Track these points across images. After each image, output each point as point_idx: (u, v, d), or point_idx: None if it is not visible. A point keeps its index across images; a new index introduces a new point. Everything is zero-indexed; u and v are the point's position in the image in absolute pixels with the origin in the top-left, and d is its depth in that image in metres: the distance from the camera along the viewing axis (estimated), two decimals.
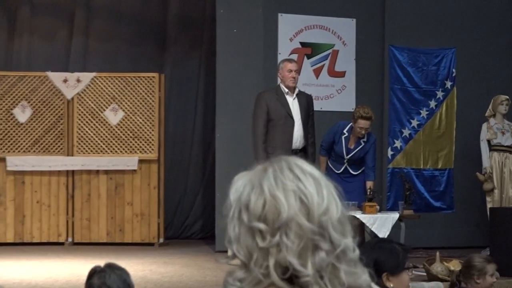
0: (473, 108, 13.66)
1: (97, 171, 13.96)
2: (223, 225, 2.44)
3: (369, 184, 11.61)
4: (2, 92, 13.79)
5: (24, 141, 13.82)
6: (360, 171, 11.69)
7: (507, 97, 13.30)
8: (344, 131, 11.57)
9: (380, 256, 4.99)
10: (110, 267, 5.57)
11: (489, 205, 13.19)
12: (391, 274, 5.08)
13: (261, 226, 2.35)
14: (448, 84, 13.92)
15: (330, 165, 11.68)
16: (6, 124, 13.79)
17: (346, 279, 2.36)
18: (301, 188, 2.36)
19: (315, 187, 2.38)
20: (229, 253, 2.50)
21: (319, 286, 2.32)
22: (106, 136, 13.97)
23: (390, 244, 5.19)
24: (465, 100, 13.81)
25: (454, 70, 13.90)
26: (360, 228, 11.34)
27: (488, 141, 13.40)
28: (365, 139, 11.57)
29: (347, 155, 11.55)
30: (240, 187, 2.42)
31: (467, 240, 13.20)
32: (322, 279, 2.33)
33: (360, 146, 11.56)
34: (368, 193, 11.36)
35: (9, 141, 13.79)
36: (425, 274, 9.93)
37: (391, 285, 5.05)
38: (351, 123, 11.55)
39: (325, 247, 2.34)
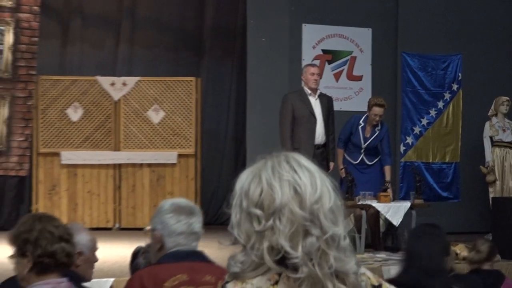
0: (477, 108, 13.63)
1: (141, 165, 13.99)
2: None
3: (387, 170, 11.66)
4: (56, 94, 13.83)
5: (76, 138, 13.86)
6: (374, 161, 11.67)
7: (508, 98, 13.31)
8: (360, 121, 11.59)
9: None
10: (148, 247, 5.55)
11: (491, 195, 13.17)
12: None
13: (258, 211, 2.37)
14: (455, 86, 13.91)
15: (347, 157, 11.65)
16: (60, 122, 13.83)
17: (335, 264, 2.36)
18: (296, 179, 2.38)
19: (309, 178, 2.39)
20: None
21: (308, 268, 2.33)
22: (149, 134, 14.00)
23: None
24: (470, 101, 13.80)
25: (460, 74, 13.88)
26: (376, 215, 11.33)
27: (491, 137, 13.40)
28: (379, 128, 11.57)
29: (364, 143, 11.54)
30: (243, 178, 2.45)
31: (472, 226, 13.15)
32: (311, 261, 2.34)
33: (375, 134, 11.57)
34: (386, 185, 11.35)
35: (63, 138, 13.84)
36: None
37: None
38: (365, 115, 11.57)
39: (316, 233, 2.35)
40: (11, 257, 3.98)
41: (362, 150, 11.60)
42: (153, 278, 4.09)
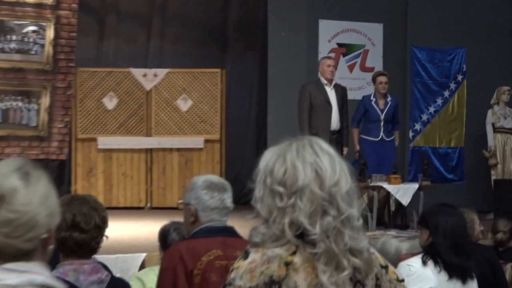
0: (480, 97, 13.59)
1: (171, 149, 14.03)
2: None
3: (397, 134, 11.83)
4: (93, 84, 13.89)
5: (111, 125, 13.91)
6: (391, 138, 11.66)
7: (509, 87, 13.31)
8: (371, 98, 11.65)
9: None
10: (176, 223, 5.56)
11: (493, 177, 13.17)
12: None
13: (281, 189, 2.40)
14: (459, 77, 13.87)
15: (366, 137, 11.62)
16: (97, 111, 13.89)
17: (349, 242, 2.39)
18: (318, 162, 2.41)
19: (329, 162, 2.43)
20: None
21: (325, 244, 2.37)
22: (178, 121, 14.03)
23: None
24: (474, 90, 13.75)
25: (464, 66, 13.85)
26: (386, 196, 11.34)
27: (493, 124, 13.39)
28: (389, 99, 11.63)
29: (382, 114, 11.56)
30: (268, 156, 2.48)
31: (475, 206, 12.90)
32: (328, 239, 2.37)
33: (389, 104, 11.65)
34: (394, 167, 11.38)
35: (99, 125, 13.89)
36: None
37: None
38: (373, 92, 11.70)
39: (333, 213, 2.38)
40: None
41: (382, 123, 11.58)
42: (191, 252, 4.07)
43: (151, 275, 5.41)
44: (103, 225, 3.98)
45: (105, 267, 4.07)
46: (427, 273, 4.63)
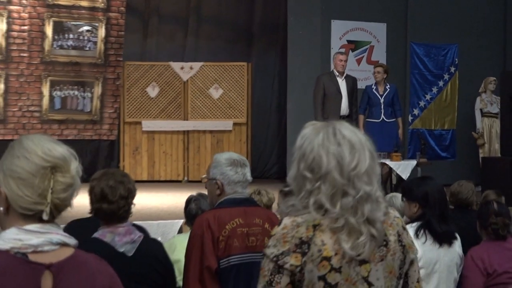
0: (470, 86, 13.55)
1: (204, 131, 14.06)
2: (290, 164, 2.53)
3: (400, 120, 11.73)
4: (138, 76, 13.94)
5: (154, 110, 13.96)
6: (391, 120, 11.62)
7: (495, 78, 13.24)
8: (372, 86, 11.65)
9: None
10: (202, 195, 5.54)
11: (481, 155, 13.14)
12: None
13: (309, 175, 2.44)
14: (452, 69, 13.81)
15: (369, 120, 11.59)
16: (142, 98, 13.94)
17: (367, 213, 2.41)
18: (339, 152, 2.43)
19: (349, 150, 2.43)
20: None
21: (345, 219, 2.39)
22: (210, 107, 14.06)
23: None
24: (464, 80, 13.70)
25: (456, 59, 13.78)
26: (389, 171, 11.34)
27: (481, 110, 13.35)
28: (388, 86, 11.59)
29: (381, 98, 11.51)
30: (304, 136, 2.50)
31: (465, 179, 13.09)
32: (347, 215, 2.40)
33: (387, 91, 11.57)
34: (395, 146, 11.35)
35: (143, 110, 13.95)
36: None
37: None
38: (373, 83, 11.69)
39: (352, 193, 2.41)
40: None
41: (382, 106, 11.55)
42: (217, 220, 4.06)
43: (181, 238, 5.42)
44: (129, 195, 3.97)
45: (141, 229, 4.11)
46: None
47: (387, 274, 2.46)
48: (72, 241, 2.31)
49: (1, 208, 2.24)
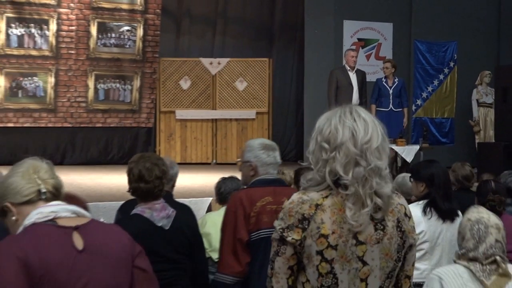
0: (467, 79, 13.48)
1: (230, 119, 14.06)
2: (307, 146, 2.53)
3: (406, 111, 11.62)
4: (172, 70, 13.94)
5: (186, 101, 13.97)
6: (398, 109, 11.54)
7: (490, 72, 13.17)
8: (382, 79, 11.55)
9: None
10: (233, 177, 5.62)
11: (477, 141, 13.10)
12: None
13: (326, 145, 2.42)
14: (451, 64, 13.73)
15: (379, 109, 11.47)
16: (175, 90, 13.95)
17: (375, 186, 2.39)
18: (354, 126, 2.41)
19: (363, 126, 2.42)
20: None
21: (354, 188, 2.37)
22: (236, 98, 14.04)
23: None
24: (462, 74, 13.62)
25: (455, 55, 13.69)
26: (395, 155, 11.28)
27: (477, 100, 13.30)
28: (396, 79, 11.50)
29: (390, 89, 11.43)
30: (321, 120, 2.49)
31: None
32: (357, 184, 2.38)
33: (396, 84, 11.46)
34: (400, 133, 11.29)
35: (177, 101, 13.96)
36: None
37: None
38: (383, 76, 11.56)
39: (363, 164, 2.39)
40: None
41: (391, 97, 11.48)
42: (249, 198, 4.06)
43: (212, 215, 5.49)
44: (163, 176, 4.02)
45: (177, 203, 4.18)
46: (419, 219, 4.48)
47: (383, 256, 2.43)
48: (86, 213, 2.45)
49: (14, 218, 2.42)
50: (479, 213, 3.35)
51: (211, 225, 5.21)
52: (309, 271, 2.40)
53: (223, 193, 5.56)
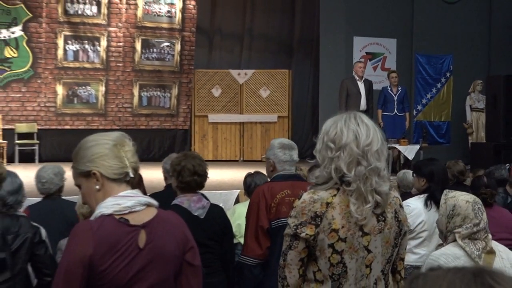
0: (461, 87, 13.36)
1: (255, 122, 14.07)
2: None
3: (407, 115, 11.57)
4: (205, 80, 13.97)
5: (217, 106, 14.00)
6: (402, 114, 11.48)
7: (481, 81, 13.03)
8: (388, 87, 11.52)
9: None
10: (258, 173, 5.58)
11: (470, 141, 12.96)
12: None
13: (331, 145, 2.40)
14: (448, 74, 13.66)
15: (384, 113, 11.45)
16: (208, 97, 13.98)
17: (375, 185, 2.38)
18: (357, 129, 2.39)
19: (366, 130, 2.40)
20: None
21: (356, 184, 2.35)
22: (260, 104, 14.04)
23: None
24: (457, 83, 13.52)
25: (451, 66, 13.61)
26: (398, 153, 11.22)
27: (470, 105, 13.17)
28: (400, 88, 11.46)
29: (395, 96, 11.38)
30: (328, 123, 2.47)
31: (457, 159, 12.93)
32: (359, 181, 2.36)
33: (399, 91, 11.44)
34: (403, 134, 11.23)
35: (209, 106, 13.99)
36: None
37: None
38: (389, 84, 11.52)
39: (364, 164, 2.37)
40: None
41: (395, 103, 11.41)
42: (270, 191, 4.05)
43: (240, 207, 5.49)
44: (207, 171, 4.07)
45: (205, 198, 4.17)
46: (420, 211, 4.45)
47: (384, 244, 2.42)
48: (154, 202, 2.36)
49: (97, 187, 2.29)
50: (468, 195, 3.30)
51: (240, 214, 5.22)
52: (321, 262, 2.39)
53: (248, 185, 5.54)
